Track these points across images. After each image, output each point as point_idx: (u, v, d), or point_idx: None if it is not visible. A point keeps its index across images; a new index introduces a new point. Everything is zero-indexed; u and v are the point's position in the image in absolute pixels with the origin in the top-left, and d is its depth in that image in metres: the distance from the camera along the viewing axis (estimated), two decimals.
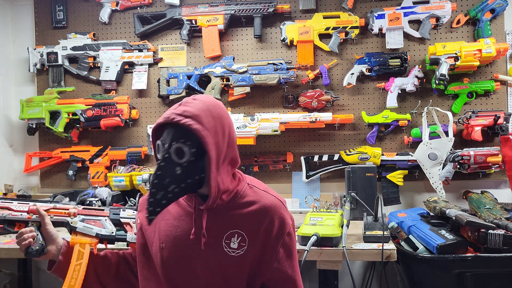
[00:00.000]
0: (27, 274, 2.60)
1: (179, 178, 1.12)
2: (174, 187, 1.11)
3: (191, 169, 1.12)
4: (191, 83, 2.55)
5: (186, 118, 1.11)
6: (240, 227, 1.20)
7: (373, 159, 2.39)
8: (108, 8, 2.69)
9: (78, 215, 1.40)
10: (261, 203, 1.21)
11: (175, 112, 1.12)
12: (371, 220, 1.87)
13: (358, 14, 2.51)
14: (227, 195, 1.20)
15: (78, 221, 1.39)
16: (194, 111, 1.12)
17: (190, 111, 1.12)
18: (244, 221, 1.20)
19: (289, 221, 1.24)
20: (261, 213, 1.20)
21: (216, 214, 1.20)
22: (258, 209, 1.20)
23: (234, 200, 1.22)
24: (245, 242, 1.20)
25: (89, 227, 1.40)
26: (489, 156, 2.23)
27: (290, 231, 1.24)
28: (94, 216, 1.43)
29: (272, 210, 1.21)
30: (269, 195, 1.24)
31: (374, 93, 2.53)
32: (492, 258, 1.73)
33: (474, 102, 2.44)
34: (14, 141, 2.82)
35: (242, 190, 1.23)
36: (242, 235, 1.19)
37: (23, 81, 2.83)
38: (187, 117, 1.11)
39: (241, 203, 1.22)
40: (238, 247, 1.19)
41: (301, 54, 2.51)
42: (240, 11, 2.54)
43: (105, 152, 2.66)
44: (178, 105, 1.16)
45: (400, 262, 1.93)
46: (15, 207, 1.33)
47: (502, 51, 2.31)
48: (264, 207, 1.20)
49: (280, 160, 2.54)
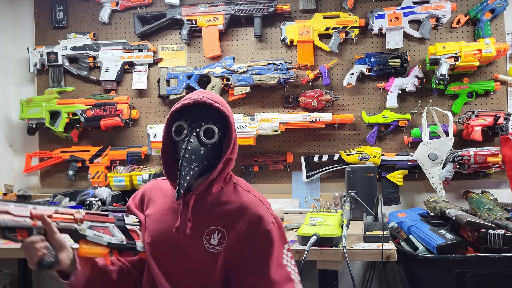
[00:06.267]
0: (27, 274, 2.60)
1: (201, 158, 1.20)
2: (195, 166, 1.19)
3: (211, 151, 1.22)
4: (191, 83, 2.55)
5: (217, 104, 1.20)
6: (220, 224, 1.23)
7: (373, 159, 2.39)
8: (108, 8, 2.69)
9: (85, 222, 1.20)
10: (240, 201, 1.26)
11: (205, 96, 1.20)
12: (371, 220, 1.87)
13: (358, 14, 2.51)
14: (216, 188, 1.25)
15: (86, 229, 1.19)
16: (219, 99, 1.23)
17: (216, 98, 1.23)
18: (224, 218, 1.24)
19: (267, 219, 1.23)
20: (239, 211, 1.24)
21: (199, 210, 1.24)
22: (237, 207, 1.24)
23: (218, 197, 1.26)
24: (225, 239, 1.22)
25: (100, 235, 1.21)
26: (489, 156, 2.23)
27: (269, 228, 1.23)
28: (101, 223, 1.24)
29: (250, 208, 1.24)
30: (250, 194, 1.28)
31: (374, 93, 2.52)
32: (492, 258, 1.73)
33: (474, 102, 2.44)
34: (14, 141, 2.82)
35: (226, 188, 1.28)
36: (222, 231, 1.22)
37: (23, 81, 2.83)
38: (217, 103, 1.20)
39: (223, 201, 1.26)
40: (218, 243, 1.22)
41: (301, 54, 2.51)
42: (240, 11, 2.54)
43: (105, 152, 2.66)
44: (199, 92, 1.23)
45: (400, 262, 1.93)
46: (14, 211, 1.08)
47: (502, 51, 2.31)
48: (242, 205, 1.24)
49: (280, 160, 2.54)
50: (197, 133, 1.19)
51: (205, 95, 1.21)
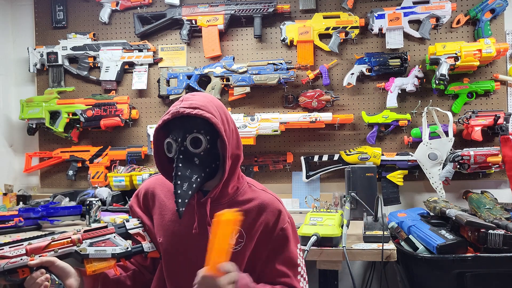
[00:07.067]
0: None
1: (199, 167, 1.16)
2: (196, 177, 1.16)
3: (207, 157, 1.18)
4: (191, 83, 2.55)
5: (195, 109, 1.14)
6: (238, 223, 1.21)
7: (373, 159, 2.39)
8: (108, 8, 2.69)
9: (84, 241, 1.19)
10: (259, 200, 1.24)
11: (182, 106, 1.15)
12: (371, 220, 1.87)
13: (358, 14, 2.51)
14: (231, 187, 1.23)
15: (86, 247, 1.18)
16: (200, 102, 1.17)
17: (196, 103, 1.16)
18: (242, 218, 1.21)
19: (283, 218, 1.24)
20: (259, 209, 1.22)
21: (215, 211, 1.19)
22: (256, 206, 1.23)
23: (234, 197, 1.24)
24: (243, 238, 1.21)
25: (102, 250, 1.19)
26: (489, 156, 2.23)
27: (285, 227, 1.23)
28: (101, 236, 1.22)
29: (270, 206, 1.23)
30: (267, 193, 1.27)
31: (374, 93, 2.52)
32: (492, 258, 1.73)
33: (474, 102, 2.44)
34: (14, 141, 2.82)
35: (242, 188, 1.26)
36: (240, 231, 1.21)
37: (23, 81, 2.83)
38: (195, 108, 1.15)
39: (240, 201, 1.24)
40: (236, 243, 1.20)
41: (301, 54, 2.51)
42: (240, 11, 2.54)
43: (105, 152, 2.66)
44: (180, 101, 1.18)
45: (400, 262, 1.93)
46: (10, 252, 1.10)
47: (502, 51, 2.31)
48: (261, 203, 1.23)
49: (280, 160, 2.54)
50: (184, 146, 1.16)
51: (185, 102, 1.16)
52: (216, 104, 1.20)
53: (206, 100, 1.19)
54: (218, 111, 1.18)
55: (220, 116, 1.18)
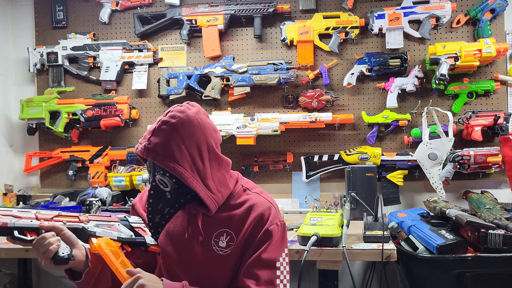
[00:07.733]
0: (27, 274, 2.60)
1: (171, 200, 1.20)
2: (169, 209, 1.21)
3: (179, 191, 1.19)
4: (191, 83, 2.55)
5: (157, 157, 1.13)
6: (229, 227, 1.23)
7: (373, 159, 2.39)
8: (108, 8, 2.69)
9: (91, 221, 1.19)
10: (249, 202, 1.25)
11: (147, 145, 1.14)
12: (371, 220, 1.87)
13: (358, 14, 2.51)
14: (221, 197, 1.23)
15: (94, 226, 1.18)
16: (161, 146, 1.13)
17: (159, 144, 1.13)
18: (232, 221, 1.23)
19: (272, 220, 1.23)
20: (247, 211, 1.23)
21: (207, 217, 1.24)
22: (245, 208, 1.24)
23: (226, 201, 1.25)
24: (233, 241, 1.22)
25: (108, 232, 1.20)
26: (489, 156, 2.23)
27: (271, 228, 1.22)
28: (107, 222, 1.23)
29: (258, 207, 1.24)
30: (259, 196, 1.28)
31: (374, 93, 2.52)
32: (492, 258, 1.73)
33: (474, 102, 2.44)
34: (14, 141, 2.82)
35: (236, 191, 1.27)
36: (230, 234, 1.22)
37: (23, 81, 2.83)
38: (157, 155, 1.13)
39: (233, 204, 1.25)
40: (226, 246, 1.22)
41: (301, 54, 2.51)
42: (240, 11, 2.54)
43: (105, 152, 2.66)
44: (147, 134, 1.17)
45: (400, 262, 1.93)
46: (19, 213, 1.10)
47: (502, 51, 2.31)
48: (250, 206, 1.24)
49: (280, 160, 2.54)
50: (156, 182, 1.18)
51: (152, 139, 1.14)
52: (188, 133, 1.15)
53: (170, 137, 1.14)
54: (184, 146, 1.14)
55: (187, 149, 1.14)
